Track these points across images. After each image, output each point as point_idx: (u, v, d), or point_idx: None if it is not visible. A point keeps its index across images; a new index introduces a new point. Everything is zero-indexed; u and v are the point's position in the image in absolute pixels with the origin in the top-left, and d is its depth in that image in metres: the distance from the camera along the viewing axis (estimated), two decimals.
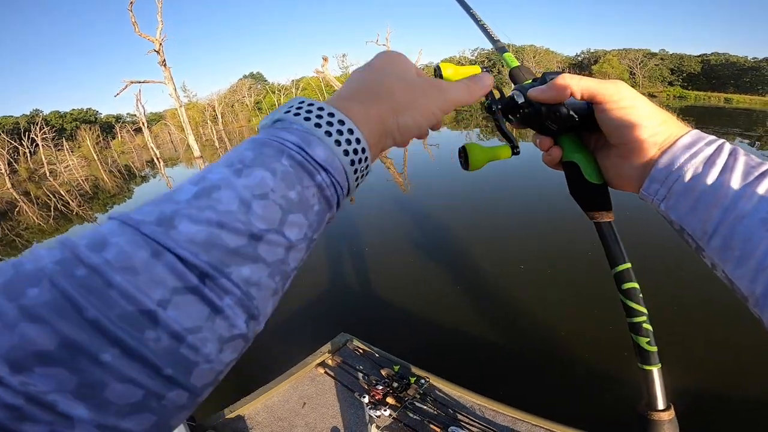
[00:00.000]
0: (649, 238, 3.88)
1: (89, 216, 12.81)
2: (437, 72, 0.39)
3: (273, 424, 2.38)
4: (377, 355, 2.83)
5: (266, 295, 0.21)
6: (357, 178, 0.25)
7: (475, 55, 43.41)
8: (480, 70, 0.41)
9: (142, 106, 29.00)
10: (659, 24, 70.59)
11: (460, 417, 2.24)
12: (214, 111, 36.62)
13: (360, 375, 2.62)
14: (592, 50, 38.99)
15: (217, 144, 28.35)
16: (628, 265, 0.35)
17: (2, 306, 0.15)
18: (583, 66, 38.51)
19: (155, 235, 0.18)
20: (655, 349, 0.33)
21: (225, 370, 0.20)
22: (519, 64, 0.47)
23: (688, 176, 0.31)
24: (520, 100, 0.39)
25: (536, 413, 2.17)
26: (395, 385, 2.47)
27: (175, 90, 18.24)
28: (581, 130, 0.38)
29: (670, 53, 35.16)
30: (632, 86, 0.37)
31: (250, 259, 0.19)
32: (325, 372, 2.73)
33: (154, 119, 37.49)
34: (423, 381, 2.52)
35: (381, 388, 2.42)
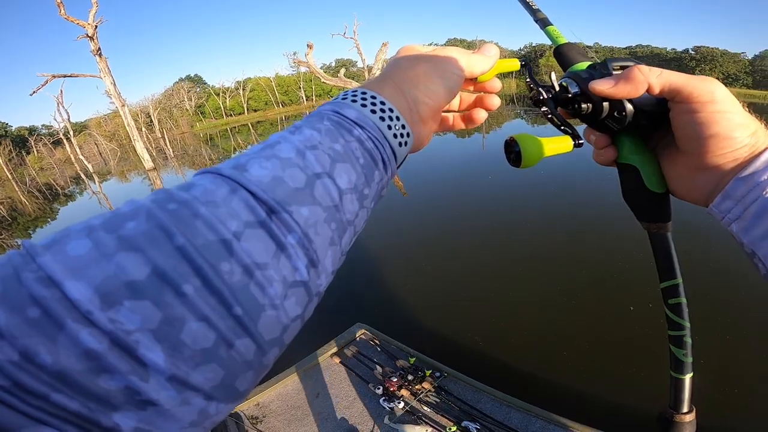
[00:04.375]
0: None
1: (10, 245, 10.62)
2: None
3: (286, 413, 2.38)
4: (393, 346, 2.80)
5: (324, 242, 0.22)
6: (395, 135, 0.28)
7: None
8: (519, 64, 0.39)
9: (65, 111, 25.06)
10: (591, 17, 76.86)
11: (474, 412, 2.19)
12: (149, 117, 33.17)
13: (375, 366, 2.60)
14: (534, 44, 40.97)
15: (154, 154, 25.39)
16: (679, 280, 0.33)
17: (102, 237, 0.16)
18: (528, 60, 40.26)
19: (232, 175, 0.20)
20: (690, 360, 0.33)
21: (290, 327, 0.21)
22: (567, 41, 0.38)
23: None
24: (574, 89, 0.32)
25: (552, 410, 2.13)
26: (410, 377, 2.42)
27: (114, 85, 15.48)
28: (644, 128, 0.33)
29: (603, 46, 37.91)
30: None
31: (307, 201, 0.21)
32: (340, 362, 2.69)
33: (77, 129, 33.06)
34: (438, 374, 2.47)
35: (395, 380, 2.38)
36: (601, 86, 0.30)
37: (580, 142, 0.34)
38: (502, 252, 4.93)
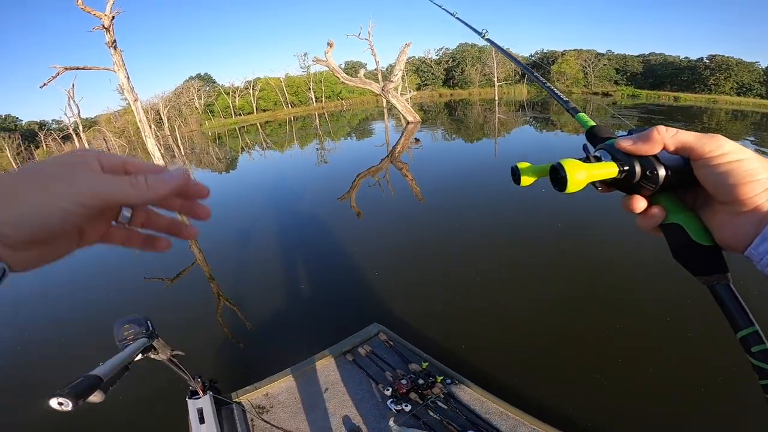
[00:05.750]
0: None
1: None
2: (515, 171, 0.39)
3: (293, 405, 2.38)
4: (407, 349, 2.76)
5: None
6: None
7: (440, 54, 43.76)
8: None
9: (76, 105, 25.30)
10: (604, 25, 75.92)
11: (480, 422, 2.15)
12: (158, 114, 33.38)
13: (387, 367, 2.56)
14: (545, 50, 40.71)
15: (162, 151, 25.44)
16: (756, 326, 0.32)
17: None
18: (539, 66, 40.04)
19: None
20: None
21: None
22: (594, 123, 0.44)
23: None
24: (607, 158, 0.37)
25: (560, 427, 2.08)
26: (420, 381, 2.38)
27: (128, 79, 15.45)
28: (679, 187, 0.35)
29: (615, 54, 37.45)
30: (585, 85, 0.39)
31: None
32: (353, 360, 2.67)
33: (86, 125, 33.37)
34: (449, 381, 2.42)
35: (406, 383, 2.35)
36: (625, 142, 0.35)
37: (625, 168, 0.35)
38: (527, 260, 4.79)
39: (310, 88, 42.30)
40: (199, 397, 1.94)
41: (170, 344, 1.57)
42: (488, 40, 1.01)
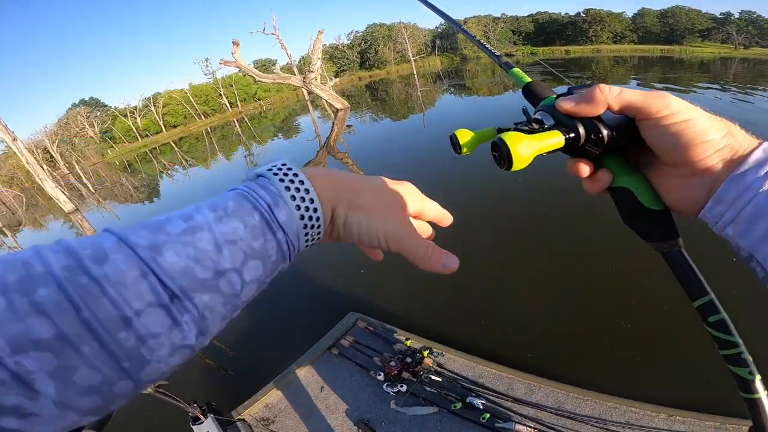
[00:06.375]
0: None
1: None
2: (453, 140, 0.37)
3: (295, 410, 2.39)
4: (387, 330, 2.81)
5: (216, 319, 0.25)
6: (307, 241, 0.29)
7: (351, 38, 43.22)
8: (495, 132, 0.36)
9: None
10: None
11: (476, 387, 2.18)
12: (48, 153, 28.93)
13: (373, 353, 2.60)
14: None
15: (67, 193, 22.09)
16: (711, 295, 0.31)
17: (16, 300, 0.19)
18: (445, 36, 41.62)
19: (146, 258, 0.22)
20: (757, 377, 0.30)
21: (168, 372, 0.24)
22: (531, 79, 0.41)
23: (763, 197, 0.27)
24: (549, 122, 0.34)
25: (552, 378, 2.14)
26: (408, 360, 2.41)
27: None
28: (624, 148, 0.33)
29: (509, 16, 40.34)
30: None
31: (211, 289, 0.24)
32: (339, 353, 2.69)
33: None
34: (436, 353, 2.49)
35: (395, 364, 2.37)
36: (566, 104, 0.32)
37: (570, 135, 0.32)
38: (483, 225, 4.93)
39: (221, 94, 39.43)
40: (202, 422, 1.92)
41: None
42: None
